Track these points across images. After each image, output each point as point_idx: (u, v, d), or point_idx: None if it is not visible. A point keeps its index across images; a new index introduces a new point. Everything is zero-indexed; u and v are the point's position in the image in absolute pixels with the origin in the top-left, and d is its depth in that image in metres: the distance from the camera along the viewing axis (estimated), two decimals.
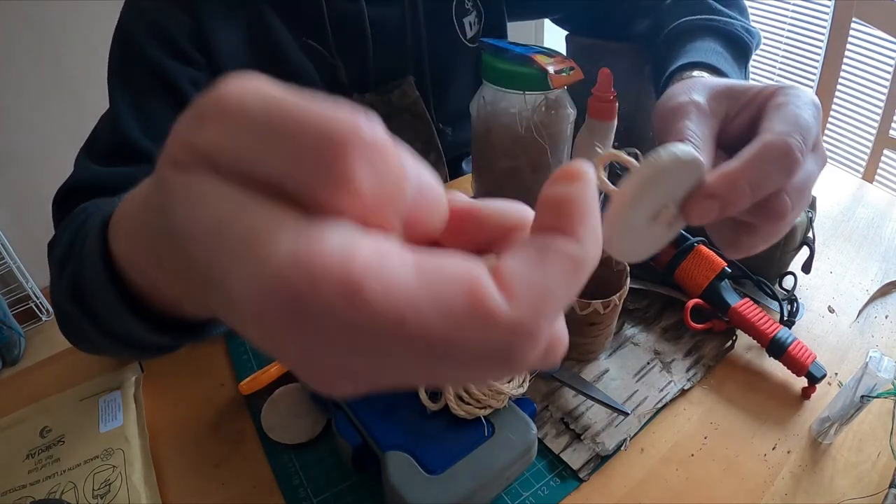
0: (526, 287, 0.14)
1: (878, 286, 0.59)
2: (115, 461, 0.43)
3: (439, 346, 0.13)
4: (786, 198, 0.29)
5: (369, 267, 0.13)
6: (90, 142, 0.55)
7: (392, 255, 0.13)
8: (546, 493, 0.42)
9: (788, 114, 0.29)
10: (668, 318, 0.56)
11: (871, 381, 0.41)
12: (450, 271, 0.13)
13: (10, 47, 1.49)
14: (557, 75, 0.54)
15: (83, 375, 0.51)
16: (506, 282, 0.14)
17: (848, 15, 1.12)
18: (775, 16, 1.83)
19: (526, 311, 0.14)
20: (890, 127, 1.14)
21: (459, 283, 0.13)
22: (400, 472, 0.37)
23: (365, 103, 0.66)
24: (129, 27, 0.55)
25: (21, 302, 1.72)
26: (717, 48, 0.53)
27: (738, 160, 0.28)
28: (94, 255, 0.28)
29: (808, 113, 0.30)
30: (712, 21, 0.57)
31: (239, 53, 0.58)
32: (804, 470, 0.43)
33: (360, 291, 0.12)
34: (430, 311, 0.13)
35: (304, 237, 0.13)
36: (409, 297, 0.13)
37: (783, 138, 0.28)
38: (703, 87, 0.34)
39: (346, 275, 0.13)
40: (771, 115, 0.30)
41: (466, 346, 0.13)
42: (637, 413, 0.46)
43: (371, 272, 0.13)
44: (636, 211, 0.26)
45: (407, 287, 0.13)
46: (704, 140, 0.31)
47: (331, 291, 0.12)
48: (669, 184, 0.26)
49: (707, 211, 0.27)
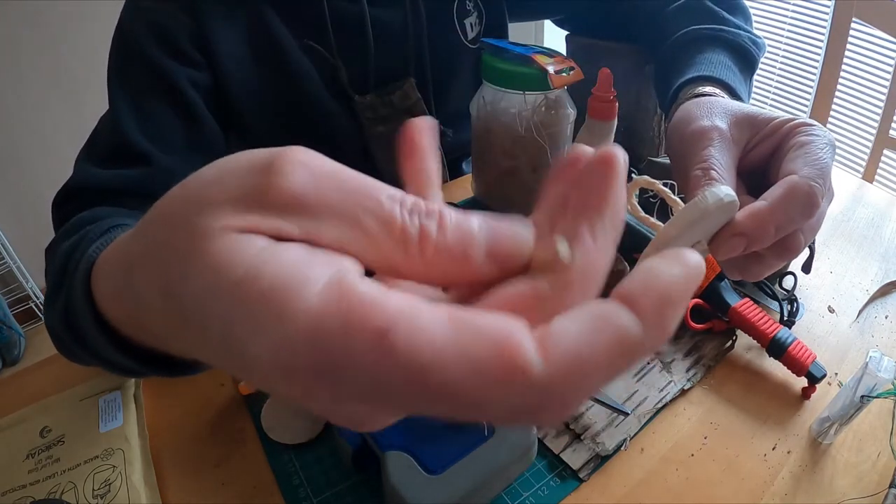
0: (565, 352, 0.13)
1: (878, 286, 0.59)
2: (115, 461, 0.43)
3: (464, 400, 0.13)
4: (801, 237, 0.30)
5: (401, 312, 0.13)
6: (90, 143, 0.55)
7: (424, 307, 0.13)
8: (546, 493, 0.42)
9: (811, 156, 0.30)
10: None
11: (871, 381, 0.41)
12: (483, 327, 0.13)
13: (11, 47, 1.49)
14: (557, 75, 0.54)
15: (83, 375, 0.51)
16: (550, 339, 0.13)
17: (848, 15, 1.12)
18: (775, 16, 1.83)
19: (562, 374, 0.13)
20: (890, 127, 1.14)
21: (491, 341, 0.13)
22: (400, 472, 0.37)
23: (366, 105, 0.66)
24: (128, 27, 0.55)
25: (21, 302, 1.72)
26: (725, 61, 0.53)
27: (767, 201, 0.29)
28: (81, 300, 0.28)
29: (828, 156, 0.31)
30: (721, 32, 0.56)
31: (239, 54, 0.58)
32: (804, 470, 0.43)
33: (389, 337, 0.13)
34: (455, 366, 0.13)
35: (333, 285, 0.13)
36: (436, 348, 0.13)
37: (808, 183, 0.29)
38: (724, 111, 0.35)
39: (376, 321, 0.13)
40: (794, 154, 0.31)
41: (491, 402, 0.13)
42: (637, 413, 0.46)
43: (403, 318, 0.13)
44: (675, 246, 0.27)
45: (437, 337, 0.13)
46: (727, 169, 0.32)
47: (362, 338, 0.13)
48: (709, 224, 0.28)
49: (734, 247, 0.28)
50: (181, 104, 0.55)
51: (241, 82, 0.59)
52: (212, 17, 0.56)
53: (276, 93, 0.62)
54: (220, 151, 0.61)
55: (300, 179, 0.15)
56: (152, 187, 0.52)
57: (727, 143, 0.33)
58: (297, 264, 0.14)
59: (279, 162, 0.15)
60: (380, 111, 0.67)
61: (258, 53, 0.60)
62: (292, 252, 0.14)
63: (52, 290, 0.36)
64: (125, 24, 0.55)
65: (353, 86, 0.65)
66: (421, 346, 0.13)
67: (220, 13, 0.56)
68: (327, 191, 0.15)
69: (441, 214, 0.15)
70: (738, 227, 0.28)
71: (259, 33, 0.59)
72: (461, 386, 0.13)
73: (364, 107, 0.66)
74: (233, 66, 0.58)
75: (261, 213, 0.15)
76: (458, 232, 0.15)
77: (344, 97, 0.65)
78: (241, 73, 0.59)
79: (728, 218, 0.28)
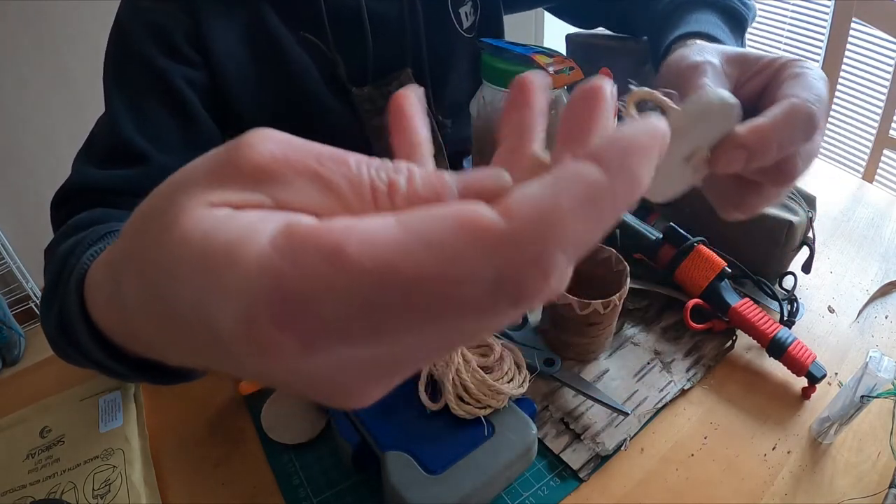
0: (527, 204, 0.12)
1: (878, 286, 0.59)
2: (115, 461, 0.43)
3: (438, 285, 0.12)
4: (798, 161, 0.30)
5: (347, 228, 0.12)
6: (88, 144, 0.55)
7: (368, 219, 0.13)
8: (546, 493, 0.42)
9: (808, 83, 0.30)
10: (668, 318, 0.56)
11: (871, 381, 0.41)
12: (436, 212, 0.12)
13: (11, 47, 1.49)
14: (557, 75, 0.54)
15: (83, 375, 0.51)
16: (510, 199, 0.12)
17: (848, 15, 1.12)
18: (775, 16, 1.83)
19: (526, 223, 0.12)
20: (890, 127, 1.14)
21: (447, 217, 0.12)
22: (400, 472, 0.37)
23: (364, 97, 0.66)
24: (125, 26, 0.55)
25: (21, 302, 1.72)
26: (715, 20, 0.54)
27: (768, 117, 0.29)
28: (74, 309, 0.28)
29: (823, 87, 0.31)
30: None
31: (236, 51, 0.58)
32: (804, 470, 0.43)
33: (342, 250, 0.12)
34: (418, 248, 0.12)
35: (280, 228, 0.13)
36: (394, 242, 0.12)
37: (808, 104, 0.29)
38: (716, 51, 0.35)
39: (324, 241, 0.12)
40: (791, 82, 0.31)
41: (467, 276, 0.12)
42: (637, 413, 0.46)
43: (350, 232, 0.12)
44: (676, 147, 0.26)
45: (389, 235, 0.12)
46: None
47: (313, 259, 0.12)
48: (710, 125, 0.27)
49: (735, 160, 0.28)
50: (178, 103, 0.55)
51: (238, 80, 0.59)
52: (209, 15, 0.56)
53: (274, 89, 0.62)
54: None
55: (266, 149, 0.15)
56: (150, 187, 0.52)
57: (720, 76, 0.33)
58: (251, 221, 0.14)
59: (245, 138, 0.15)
60: (378, 103, 0.67)
61: (255, 50, 0.59)
62: (250, 214, 0.14)
63: (47, 294, 0.36)
64: (122, 23, 0.55)
65: (350, 79, 0.65)
66: (378, 247, 0.12)
67: (217, 11, 0.56)
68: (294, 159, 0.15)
69: (410, 169, 0.15)
70: (739, 138, 0.28)
71: (256, 30, 0.59)
72: (431, 269, 0.12)
73: (362, 99, 0.66)
74: (230, 64, 0.58)
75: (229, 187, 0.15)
76: (428, 182, 0.15)
77: (342, 90, 0.65)
78: (238, 70, 0.59)
79: (728, 128, 0.28)
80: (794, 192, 0.58)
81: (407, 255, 0.12)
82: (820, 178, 0.79)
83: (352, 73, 0.65)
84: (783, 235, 0.55)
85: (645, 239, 0.57)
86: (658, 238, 0.56)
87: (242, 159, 0.15)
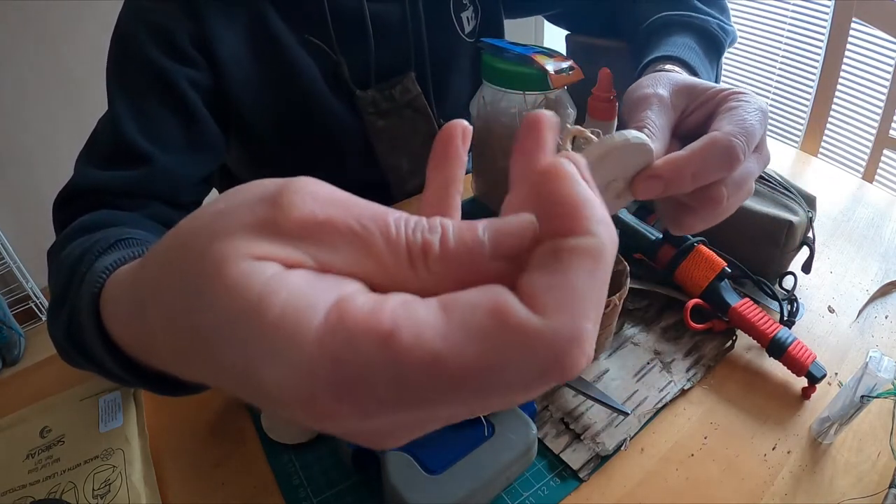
0: (555, 297, 0.14)
1: (878, 286, 0.59)
2: (115, 461, 0.43)
3: (483, 375, 0.13)
4: (723, 189, 0.33)
5: (397, 314, 0.13)
6: (89, 144, 0.55)
7: (416, 301, 0.14)
8: (546, 493, 0.42)
9: (737, 117, 0.33)
10: (668, 318, 0.56)
11: (871, 381, 0.41)
12: (472, 299, 0.14)
13: (11, 47, 1.49)
14: (557, 75, 0.54)
15: (83, 375, 0.51)
16: (532, 297, 0.14)
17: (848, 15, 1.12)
18: (775, 16, 1.83)
19: (563, 319, 0.13)
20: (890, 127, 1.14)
21: (483, 307, 0.14)
22: (400, 472, 0.37)
23: (367, 100, 0.66)
24: (127, 27, 0.55)
25: (21, 302, 1.72)
26: (690, 43, 0.55)
27: (686, 150, 0.32)
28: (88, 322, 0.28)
29: (755, 118, 0.33)
30: (689, 17, 0.59)
31: (239, 53, 0.58)
32: (804, 470, 0.43)
33: (394, 337, 0.13)
34: (462, 341, 0.13)
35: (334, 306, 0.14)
36: (440, 332, 0.13)
37: (728, 138, 0.32)
38: (669, 81, 0.38)
39: (377, 325, 0.13)
40: (722, 115, 0.34)
41: (510, 367, 0.13)
42: (637, 413, 0.46)
43: (400, 318, 0.13)
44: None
45: (436, 324, 0.13)
46: (661, 129, 0.35)
47: (368, 346, 0.13)
48: (620, 161, 0.31)
49: (651, 188, 0.31)
50: (181, 104, 0.55)
51: (241, 81, 0.59)
52: (211, 16, 0.56)
53: (278, 90, 0.62)
54: (220, 151, 0.61)
55: (309, 209, 0.15)
56: (153, 188, 0.52)
57: (665, 108, 0.36)
58: (303, 289, 0.14)
59: (287, 193, 0.16)
60: (381, 105, 0.67)
61: (258, 51, 0.59)
62: (299, 278, 0.15)
63: (55, 301, 0.36)
64: (124, 24, 0.55)
65: (353, 81, 0.65)
66: (426, 339, 0.13)
67: (220, 12, 0.56)
68: (336, 220, 0.15)
69: (443, 226, 0.16)
70: (653, 169, 0.31)
71: (259, 31, 0.59)
72: (476, 362, 0.13)
73: (365, 101, 0.66)
74: (233, 65, 0.58)
75: (273, 241, 0.15)
76: (461, 241, 0.16)
77: (345, 92, 0.65)
78: (241, 71, 0.59)
79: (646, 162, 0.31)
80: (794, 192, 0.58)
81: (451, 345, 0.13)
82: (820, 178, 0.79)
83: (354, 75, 0.65)
84: (783, 235, 0.55)
85: (645, 239, 0.57)
86: (658, 238, 0.56)
87: (286, 217, 0.15)
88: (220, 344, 0.15)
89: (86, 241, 0.40)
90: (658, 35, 0.59)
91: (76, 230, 0.44)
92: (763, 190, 0.59)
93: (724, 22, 0.61)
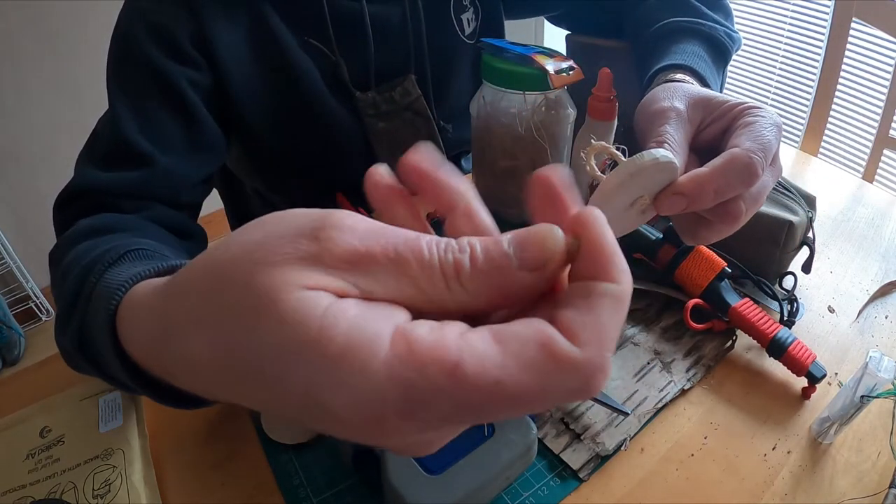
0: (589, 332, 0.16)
1: (878, 286, 0.59)
2: (115, 461, 0.43)
3: (533, 396, 0.16)
4: (741, 204, 0.34)
5: (461, 346, 0.15)
6: (90, 144, 0.55)
7: (471, 332, 0.16)
8: (546, 493, 0.42)
9: (755, 133, 0.34)
10: (668, 318, 0.56)
11: (871, 381, 0.41)
12: (521, 333, 0.16)
13: (11, 47, 1.49)
14: (557, 75, 0.54)
15: (83, 376, 0.51)
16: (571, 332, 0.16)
17: (848, 15, 1.12)
18: (775, 16, 1.83)
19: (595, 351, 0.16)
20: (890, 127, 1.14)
21: (533, 340, 0.16)
22: (400, 472, 0.37)
23: (367, 102, 0.66)
24: (127, 28, 0.55)
25: (21, 302, 1.72)
26: (699, 52, 0.55)
27: (708, 167, 0.33)
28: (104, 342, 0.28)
29: (772, 134, 0.34)
30: (698, 24, 0.59)
31: (239, 54, 0.58)
32: (804, 470, 0.43)
33: (460, 368, 0.15)
34: (518, 370, 0.15)
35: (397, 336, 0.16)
36: (498, 363, 0.15)
37: (748, 154, 0.32)
38: (684, 94, 0.39)
39: (445, 355, 0.15)
40: (740, 131, 0.35)
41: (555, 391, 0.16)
42: (637, 413, 0.46)
43: (464, 350, 0.15)
44: (618, 197, 0.32)
45: (494, 356, 0.15)
46: (680, 144, 0.36)
47: (438, 374, 0.15)
48: (647, 180, 0.32)
49: (675, 205, 0.32)
50: (181, 105, 0.55)
51: (241, 82, 0.59)
52: (211, 17, 0.56)
53: (278, 92, 0.62)
54: (221, 152, 0.61)
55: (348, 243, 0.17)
56: (153, 189, 0.52)
57: (682, 122, 0.37)
58: (360, 320, 0.16)
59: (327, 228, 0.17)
60: (381, 107, 0.67)
61: (258, 53, 0.59)
62: (353, 308, 0.16)
63: (63, 312, 0.35)
64: (124, 24, 0.55)
65: (353, 83, 0.65)
66: (487, 366, 0.15)
67: (220, 13, 0.56)
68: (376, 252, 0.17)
69: (471, 245, 0.17)
70: (678, 186, 0.32)
71: (259, 32, 0.59)
72: (530, 383, 0.15)
73: (365, 104, 0.66)
74: (233, 67, 0.58)
75: (319, 271, 0.17)
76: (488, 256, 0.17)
77: (345, 94, 0.65)
78: (241, 72, 0.59)
79: (670, 179, 0.33)
80: (794, 192, 0.58)
81: (510, 374, 0.15)
82: (820, 178, 0.79)
83: (355, 77, 0.65)
84: (783, 235, 0.55)
85: (645, 239, 0.57)
86: (658, 238, 0.56)
87: (330, 252, 0.17)
88: (280, 373, 0.16)
89: (92, 247, 0.40)
90: (666, 41, 0.58)
91: (79, 234, 0.44)
92: None
93: (730, 28, 0.61)
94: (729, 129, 0.36)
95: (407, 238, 0.17)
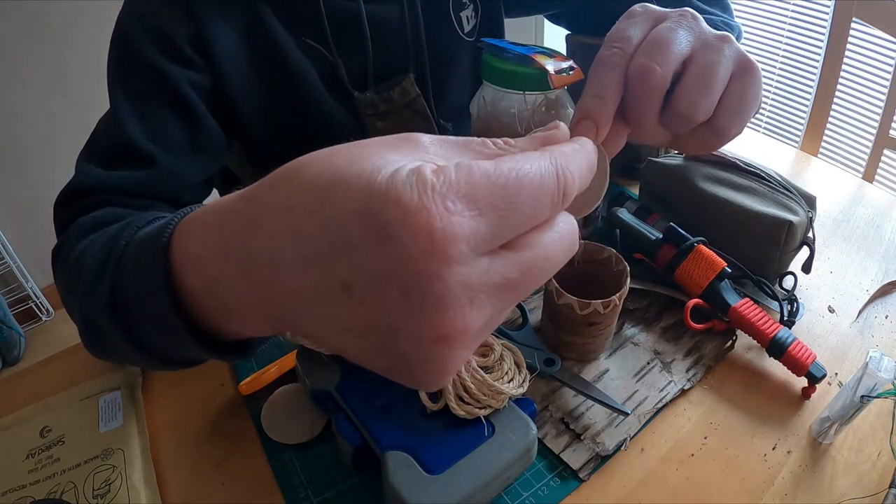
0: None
1: (878, 286, 0.59)
2: (115, 461, 0.43)
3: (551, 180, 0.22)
4: (654, 66, 0.30)
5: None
6: (91, 144, 0.55)
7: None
8: (546, 493, 0.42)
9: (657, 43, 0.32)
10: (668, 318, 0.56)
11: (871, 381, 0.41)
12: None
13: (11, 47, 1.49)
14: (557, 75, 0.54)
15: (83, 375, 0.51)
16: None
17: (848, 15, 1.12)
18: (775, 16, 1.83)
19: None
20: (890, 127, 1.14)
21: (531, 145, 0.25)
22: (400, 472, 0.37)
23: (365, 101, 0.66)
24: (127, 31, 0.55)
25: (21, 302, 1.72)
26: None
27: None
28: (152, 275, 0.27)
29: (668, 32, 0.32)
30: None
31: (238, 54, 0.58)
32: (804, 470, 0.43)
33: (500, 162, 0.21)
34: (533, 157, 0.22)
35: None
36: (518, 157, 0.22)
37: (605, 49, 0.32)
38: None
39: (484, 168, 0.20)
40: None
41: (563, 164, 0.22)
42: (637, 413, 0.46)
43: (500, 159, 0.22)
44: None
45: (510, 157, 0.23)
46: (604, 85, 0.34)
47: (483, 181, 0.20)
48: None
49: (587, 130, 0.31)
50: (183, 106, 0.55)
51: (240, 83, 0.59)
52: (209, 18, 0.56)
53: (276, 92, 0.62)
54: (223, 152, 0.61)
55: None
56: (156, 189, 0.52)
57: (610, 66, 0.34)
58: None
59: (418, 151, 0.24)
60: (380, 107, 0.67)
61: (257, 53, 0.59)
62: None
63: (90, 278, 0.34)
64: (124, 27, 0.55)
65: (352, 83, 0.65)
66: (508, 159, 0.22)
67: (218, 14, 0.56)
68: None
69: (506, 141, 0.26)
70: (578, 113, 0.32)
71: (257, 33, 0.59)
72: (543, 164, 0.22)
73: (364, 103, 0.66)
74: (232, 68, 0.58)
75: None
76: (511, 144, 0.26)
77: (343, 94, 0.65)
78: (239, 73, 0.59)
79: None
80: (794, 192, 0.58)
81: (527, 157, 0.22)
82: (820, 178, 0.79)
83: (353, 77, 0.65)
84: (783, 235, 0.55)
85: (645, 239, 0.57)
86: (658, 238, 0.56)
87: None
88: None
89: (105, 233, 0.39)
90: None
91: (86, 227, 0.44)
92: (763, 190, 0.59)
93: (728, 19, 0.61)
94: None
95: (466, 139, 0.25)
